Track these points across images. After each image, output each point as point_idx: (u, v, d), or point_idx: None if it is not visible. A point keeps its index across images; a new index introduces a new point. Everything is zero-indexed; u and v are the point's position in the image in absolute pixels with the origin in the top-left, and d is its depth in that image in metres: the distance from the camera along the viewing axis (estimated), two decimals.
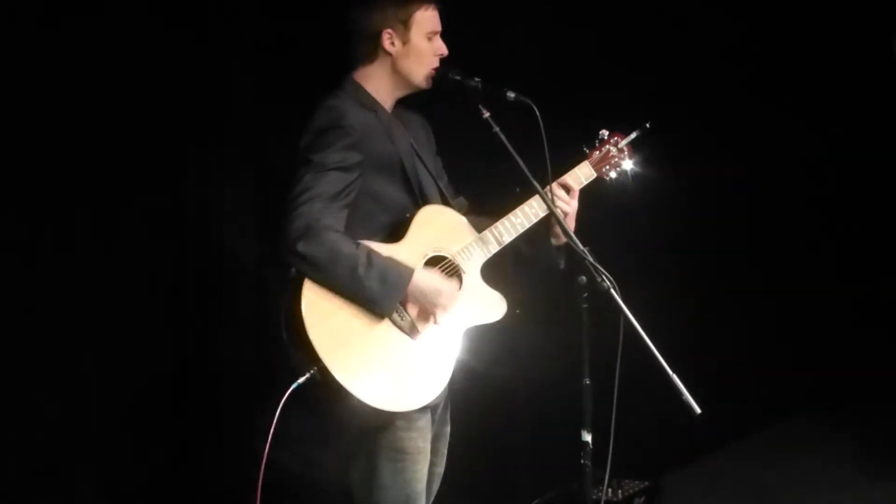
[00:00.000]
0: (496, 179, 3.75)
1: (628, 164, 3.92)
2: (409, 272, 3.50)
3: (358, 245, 3.47)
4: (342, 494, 3.73)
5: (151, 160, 4.57)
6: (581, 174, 3.85)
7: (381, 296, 3.46)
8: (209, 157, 4.74)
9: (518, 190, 3.71)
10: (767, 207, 6.87)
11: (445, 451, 3.85)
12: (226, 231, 4.83)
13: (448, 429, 3.84)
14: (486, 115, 3.65)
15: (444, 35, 3.72)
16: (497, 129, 3.63)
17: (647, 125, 3.92)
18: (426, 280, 3.55)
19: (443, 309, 3.56)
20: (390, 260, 3.50)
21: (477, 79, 3.67)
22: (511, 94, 3.64)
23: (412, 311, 3.54)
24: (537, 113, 3.59)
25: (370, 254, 3.46)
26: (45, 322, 4.34)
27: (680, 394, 3.37)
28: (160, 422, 4.68)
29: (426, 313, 3.55)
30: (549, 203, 3.66)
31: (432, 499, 3.82)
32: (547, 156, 3.63)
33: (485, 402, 5.11)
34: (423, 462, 3.62)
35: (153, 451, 4.66)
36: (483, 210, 3.81)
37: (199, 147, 4.70)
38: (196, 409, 4.78)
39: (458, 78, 3.67)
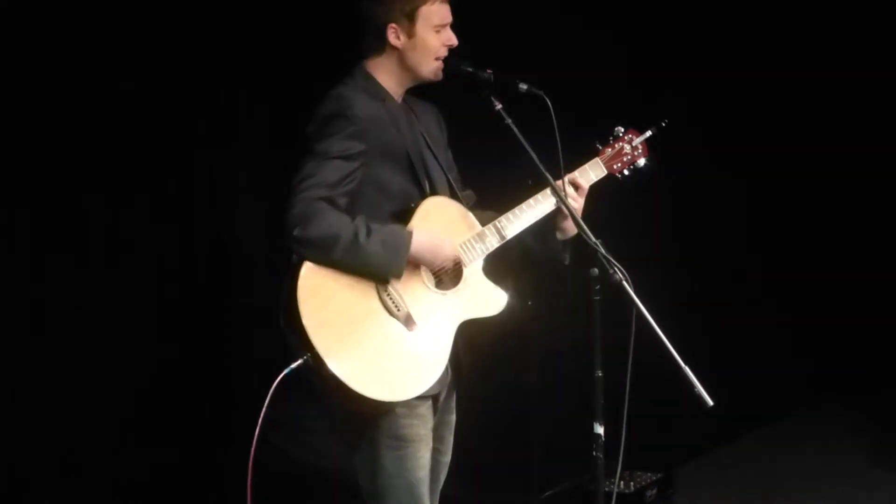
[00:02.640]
0: (507, 172, 3.74)
1: (642, 162, 3.90)
2: (408, 233, 3.49)
3: (354, 218, 3.46)
4: (347, 482, 3.73)
5: (161, 149, 4.58)
6: (591, 170, 3.83)
7: (386, 259, 3.45)
8: (219, 145, 4.75)
9: (530, 182, 3.70)
10: (780, 200, 6.87)
11: (451, 440, 3.83)
12: (236, 219, 4.83)
13: (453, 417, 3.82)
14: (498, 106, 3.63)
15: (457, 26, 3.70)
16: (509, 120, 3.62)
17: (664, 123, 3.90)
18: (426, 237, 3.53)
19: (447, 260, 3.56)
20: (388, 226, 3.50)
21: (489, 70, 3.65)
22: (523, 86, 3.62)
23: (409, 298, 3.53)
24: (549, 105, 3.58)
25: (368, 223, 3.46)
26: (55, 316, 4.35)
27: (692, 386, 3.36)
28: (170, 414, 4.70)
29: (438, 269, 3.55)
30: (561, 196, 3.65)
31: (439, 487, 3.81)
32: (559, 148, 3.62)
33: (497, 394, 5.12)
34: (424, 449, 3.61)
35: (163, 443, 4.67)
36: (492, 203, 3.79)
37: (209, 134, 4.70)
38: (206, 401, 4.79)
39: (470, 69, 3.65)
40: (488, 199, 3.84)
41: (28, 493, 4.36)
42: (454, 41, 3.67)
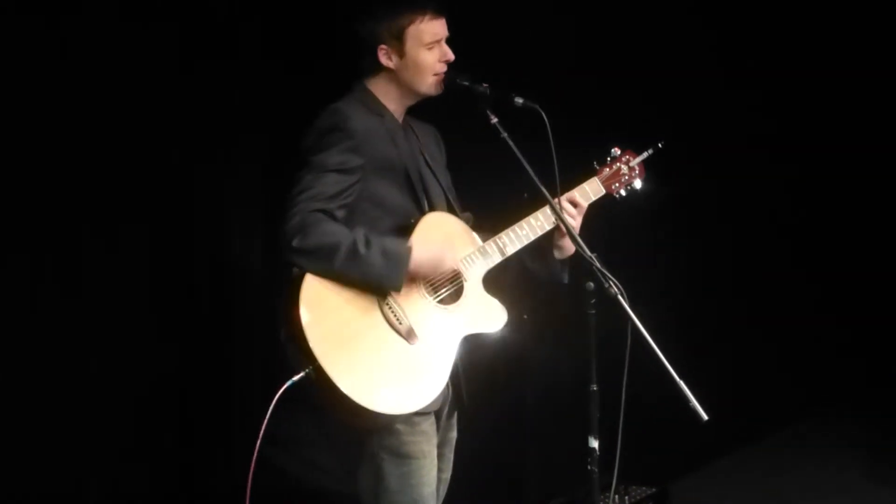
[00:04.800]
0: (503, 186, 3.74)
1: (639, 183, 3.92)
2: (407, 248, 3.50)
3: (354, 229, 3.47)
4: (348, 499, 3.73)
5: (158, 162, 4.58)
6: (590, 190, 3.85)
7: (386, 271, 3.45)
8: (216, 158, 4.74)
9: (526, 196, 3.71)
10: (777, 213, 6.88)
11: (452, 457, 3.84)
12: (235, 230, 4.83)
13: (454, 434, 3.84)
14: (494, 120, 3.64)
15: (453, 40, 3.70)
16: (505, 134, 3.62)
17: (660, 145, 3.92)
18: (426, 251, 3.53)
19: (447, 272, 3.56)
20: (387, 239, 3.50)
21: (485, 84, 3.66)
22: (519, 100, 3.63)
23: (411, 312, 3.52)
24: (545, 118, 3.58)
25: (367, 234, 3.47)
26: (53, 327, 4.34)
27: (687, 400, 3.37)
28: (168, 427, 4.68)
29: (438, 280, 3.55)
30: (557, 210, 3.65)
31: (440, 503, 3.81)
32: (555, 161, 3.62)
33: (492, 408, 5.11)
34: (429, 466, 3.62)
35: (162, 455, 4.66)
36: (488, 221, 3.79)
37: (206, 148, 4.70)
38: (204, 414, 4.78)
39: (466, 83, 3.66)
40: (484, 213, 3.84)
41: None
42: (450, 56, 3.67)
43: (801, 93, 6.78)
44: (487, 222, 3.79)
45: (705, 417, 3.36)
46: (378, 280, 3.47)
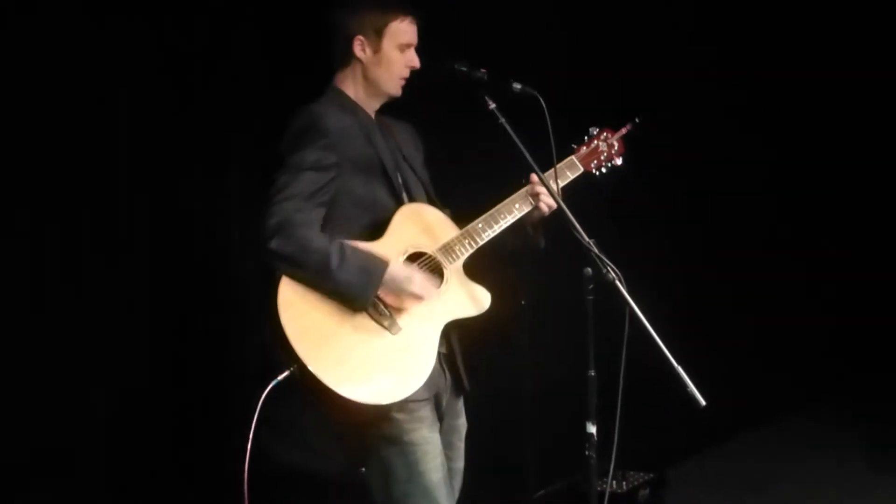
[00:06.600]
0: (483, 183, 3.75)
1: (619, 161, 3.91)
2: (383, 264, 3.48)
3: (331, 241, 3.46)
4: (350, 487, 3.72)
5: (155, 159, 4.58)
6: (567, 170, 3.83)
7: (356, 289, 3.45)
8: (214, 156, 4.75)
9: (524, 182, 3.71)
10: (777, 199, 6.89)
11: (462, 446, 3.81)
12: (230, 227, 4.83)
13: (461, 422, 3.80)
14: (492, 106, 3.64)
15: (457, 32, 3.71)
16: (503, 120, 3.62)
17: (637, 120, 3.92)
18: (400, 271, 3.52)
19: (416, 298, 3.53)
20: (364, 253, 3.49)
21: (483, 70, 3.66)
22: (517, 86, 3.64)
23: (391, 304, 3.52)
24: (543, 104, 3.59)
25: (343, 248, 3.45)
26: (49, 319, 4.35)
27: (685, 386, 3.37)
28: (165, 415, 4.69)
29: (403, 304, 3.53)
30: (556, 196, 3.65)
31: (456, 497, 3.77)
32: (553, 146, 3.62)
33: (490, 394, 5.12)
34: (434, 452, 3.59)
35: (158, 444, 4.67)
36: (470, 215, 3.78)
37: (204, 146, 4.71)
38: (201, 406, 4.78)
39: (464, 69, 3.66)
40: (466, 207, 3.83)
41: (22, 494, 4.35)
42: (416, 63, 3.69)
43: (788, 80, 6.80)
44: (469, 216, 3.77)
45: (703, 403, 3.36)
46: (346, 298, 3.46)
